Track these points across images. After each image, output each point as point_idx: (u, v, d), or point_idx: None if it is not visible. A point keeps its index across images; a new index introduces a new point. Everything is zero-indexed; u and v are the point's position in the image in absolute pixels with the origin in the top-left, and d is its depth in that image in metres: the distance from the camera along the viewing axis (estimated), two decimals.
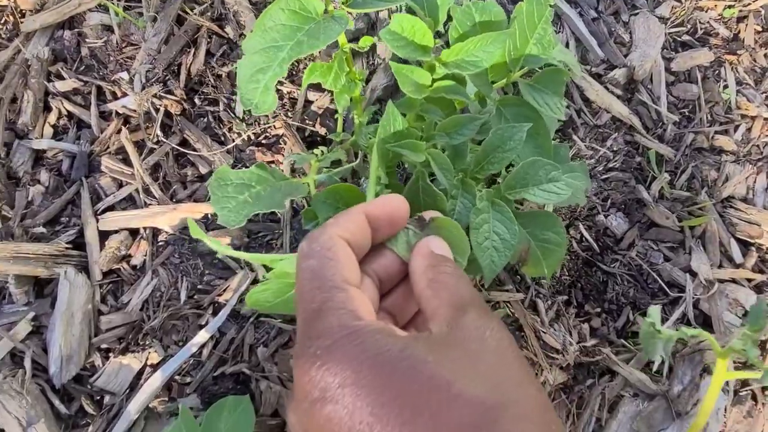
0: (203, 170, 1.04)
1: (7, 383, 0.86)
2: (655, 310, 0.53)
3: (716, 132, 1.17)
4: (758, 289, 1.09)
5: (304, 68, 1.07)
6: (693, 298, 1.07)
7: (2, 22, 1.08)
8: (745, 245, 1.12)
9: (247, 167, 0.71)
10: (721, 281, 1.09)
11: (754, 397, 1.02)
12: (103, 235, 0.98)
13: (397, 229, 0.46)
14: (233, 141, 1.05)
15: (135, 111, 1.03)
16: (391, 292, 0.47)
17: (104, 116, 1.05)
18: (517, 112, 0.62)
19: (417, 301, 0.43)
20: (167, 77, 1.05)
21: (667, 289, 1.09)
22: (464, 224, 0.54)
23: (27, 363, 0.89)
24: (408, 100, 0.61)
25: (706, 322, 1.07)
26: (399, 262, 0.46)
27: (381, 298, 0.46)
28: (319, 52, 1.11)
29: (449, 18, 0.62)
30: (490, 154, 0.56)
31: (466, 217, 0.55)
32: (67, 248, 0.94)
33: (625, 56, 1.19)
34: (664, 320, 1.08)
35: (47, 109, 1.04)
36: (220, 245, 0.48)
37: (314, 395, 0.33)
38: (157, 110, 1.03)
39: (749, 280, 1.09)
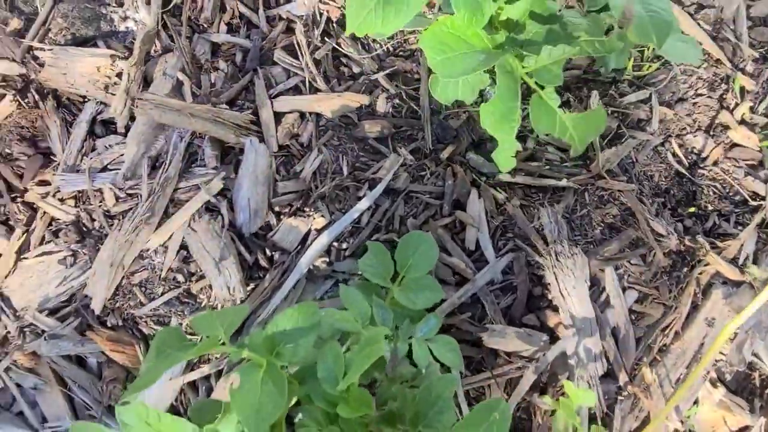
0: (355, 70, 1.18)
1: (210, 225, 1.00)
2: None
3: None
4: None
5: None
6: None
7: None
8: None
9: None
10: None
11: None
12: (276, 117, 1.12)
13: None
14: (376, 50, 1.20)
15: (298, 16, 1.17)
16: None
17: (268, 20, 1.19)
18: None
19: None
20: None
21: (749, 199, 1.25)
22: None
23: (223, 210, 1.02)
24: None
25: None
26: None
27: None
28: None
29: None
30: None
31: None
32: (251, 121, 1.08)
33: None
34: (745, 225, 1.24)
35: (222, 9, 1.18)
36: None
37: None
38: (321, 15, 1.17)
39: None
